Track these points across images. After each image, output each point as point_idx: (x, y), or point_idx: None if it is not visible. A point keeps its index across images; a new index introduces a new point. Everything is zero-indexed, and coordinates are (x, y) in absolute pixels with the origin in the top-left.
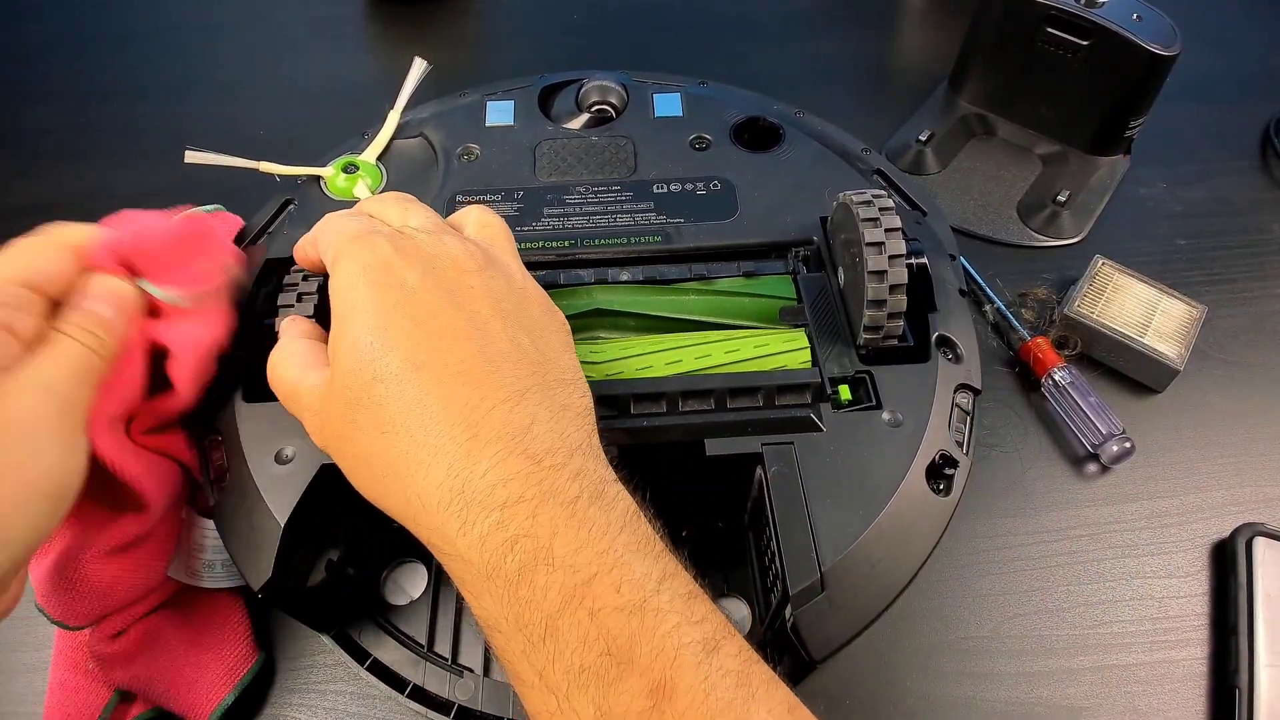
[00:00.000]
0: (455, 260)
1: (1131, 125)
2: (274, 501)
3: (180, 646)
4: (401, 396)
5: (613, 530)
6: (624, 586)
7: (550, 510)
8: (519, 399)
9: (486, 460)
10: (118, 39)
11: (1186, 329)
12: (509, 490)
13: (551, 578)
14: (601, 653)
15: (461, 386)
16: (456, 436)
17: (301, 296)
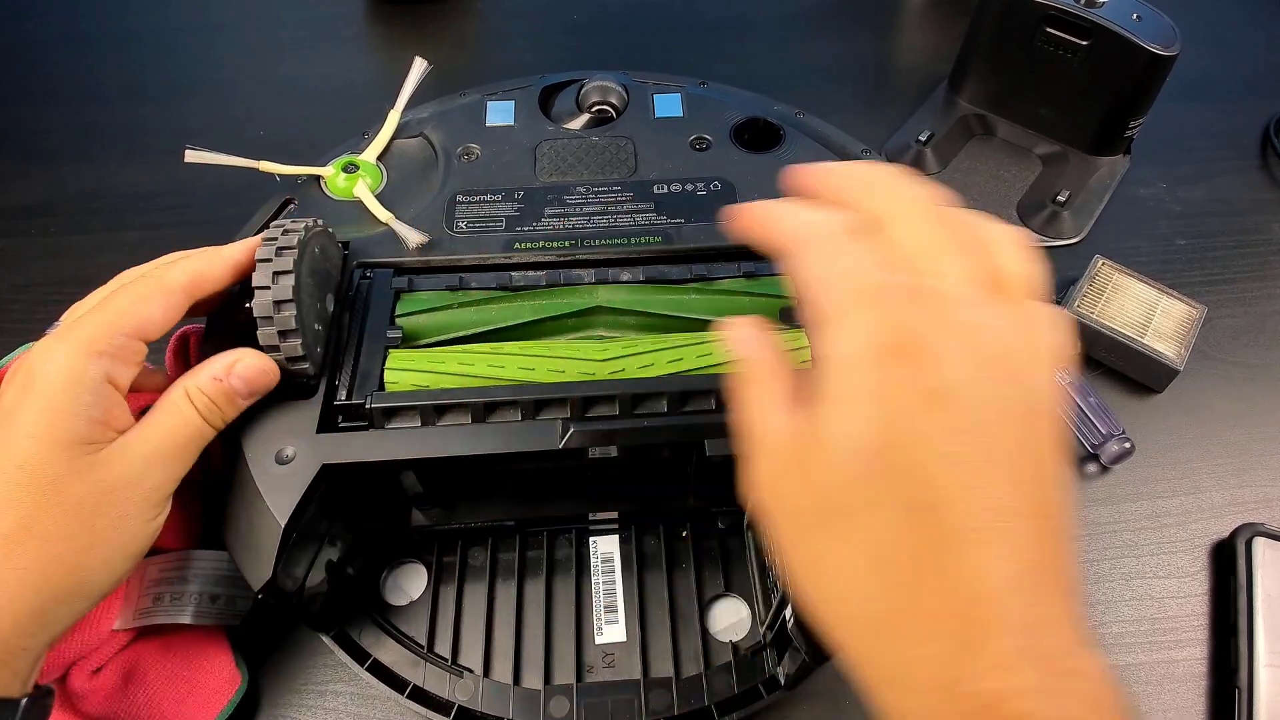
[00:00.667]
0: (1019, 367)
1: (1131, 125)
2: (274, 501)
3: (160, 680)
4: (891, 535)
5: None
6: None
7: (1060, 701)
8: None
9: (1011, 652)
10: (118, 39)
11: (1186, 329)
12: (1029, 702)
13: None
14: None
15: (1033, 536)
16: (1005, 599)
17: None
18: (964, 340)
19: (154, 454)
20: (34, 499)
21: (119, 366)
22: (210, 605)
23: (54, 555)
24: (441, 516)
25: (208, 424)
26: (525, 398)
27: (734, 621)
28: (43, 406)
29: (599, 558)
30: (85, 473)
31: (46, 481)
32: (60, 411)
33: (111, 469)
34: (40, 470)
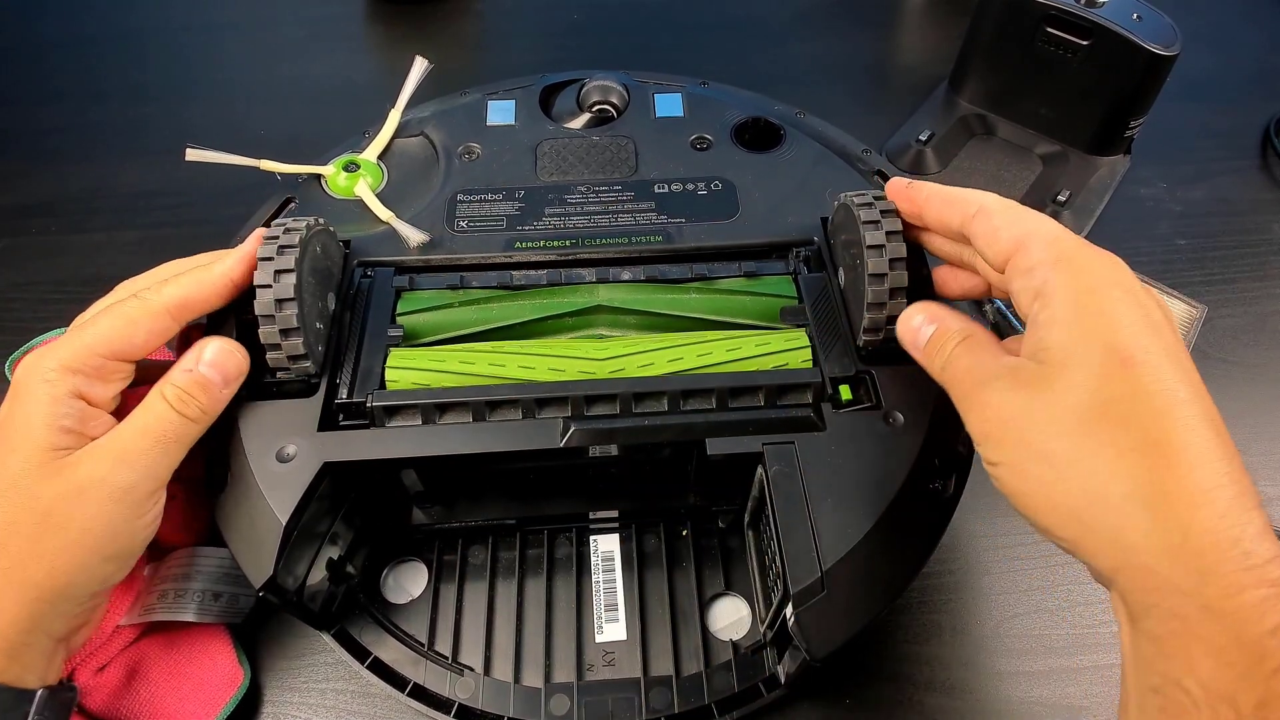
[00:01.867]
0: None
1: (1131, 125)
2: (275, 499)
3: (162, 676)
4: (1177, 414)
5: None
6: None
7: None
8: (1245, 471)
9: (1255, 527)
10: (119, 39)
11: (1186, 329)
12: (1277, 570)
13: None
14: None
15: (1222, 430)
16: (1227, 486)
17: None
18: (1131, 281)
19: (124, 452)
20: (13, 506)
21: (94, 385)
22: (213, 603)
23: (31, 557)
24: (442, 515)
25: (183, 416)
26: (526, 396)
27: (734, 620)
28: (21, 420)
29: (599, 556)
30: (54, 477)
31: (23, 489)
32: (34, 423)
33: (79, 470)
34: (17, 480)
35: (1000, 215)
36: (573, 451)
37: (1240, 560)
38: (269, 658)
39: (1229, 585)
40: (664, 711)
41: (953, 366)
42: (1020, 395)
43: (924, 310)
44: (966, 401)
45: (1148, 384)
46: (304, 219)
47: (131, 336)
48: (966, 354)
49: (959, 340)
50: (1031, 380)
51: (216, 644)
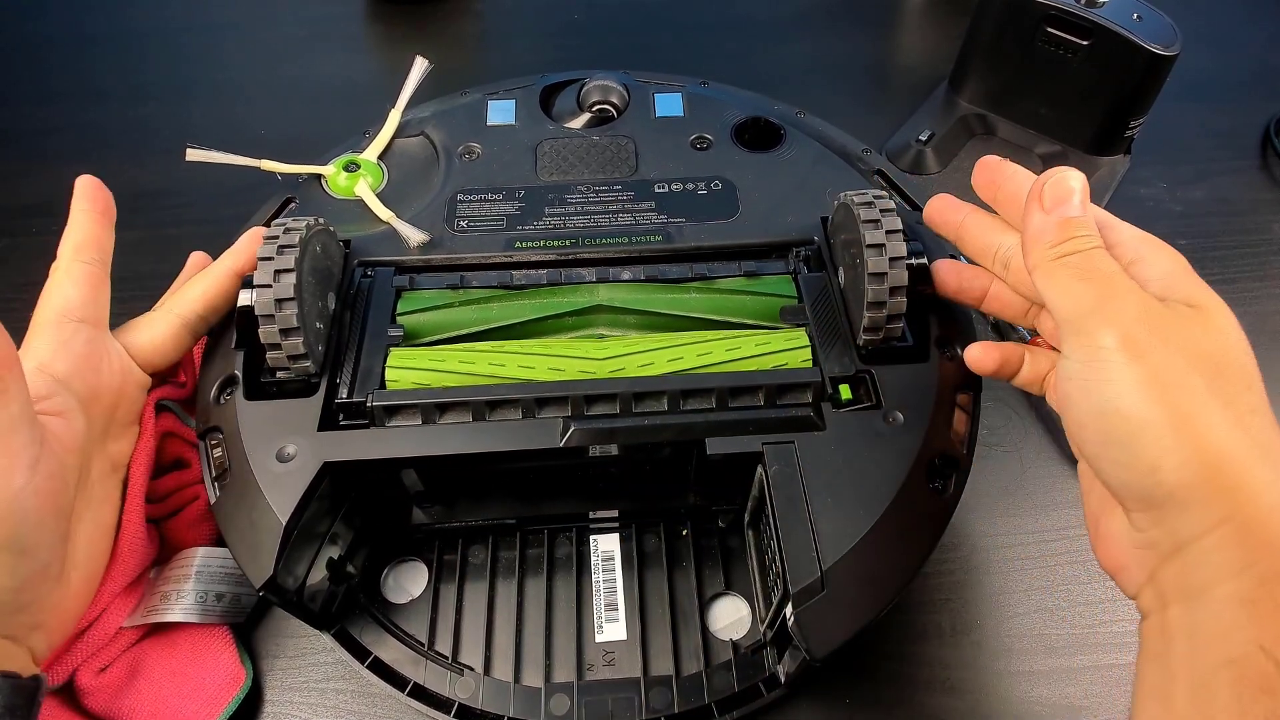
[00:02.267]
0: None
1: (1131, 125)
2: (275, 499)
3: (165, 677)
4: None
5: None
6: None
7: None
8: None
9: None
10: (119, 39)
11: None
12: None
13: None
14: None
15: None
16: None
17: (282, 249)
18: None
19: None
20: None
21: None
22: (215, 603)
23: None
24: (442, 514)
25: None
26: (526, 396)
27: (734, 620)
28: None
29: (599, 556)
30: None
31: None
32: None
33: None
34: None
35: (1085, 206)
36: (573, 451)
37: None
38: (269, 658)
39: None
40: (664, 711)
41: (1095, 261)
42: (1174, 324)
43: (1084, 181)
44: (1106, 304)
45: (1251, 358)
46: (304, 219)
47: (66, 292)
48: (1107, 260)
49: (1100, 244)
50: (1186, 316)
51: (218, 644)
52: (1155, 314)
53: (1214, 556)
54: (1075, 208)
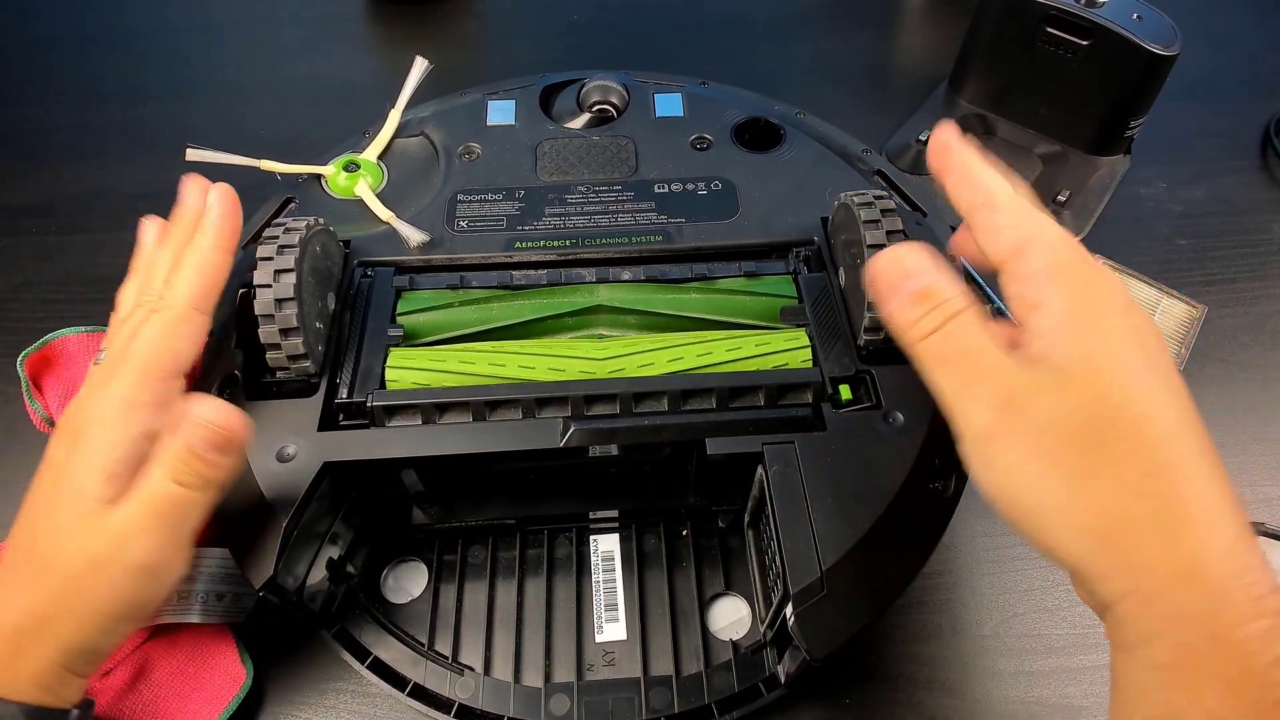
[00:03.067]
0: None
1: (1131, 125)
2: (275, 500)
3: (166, 677)
4: (1178, 442)
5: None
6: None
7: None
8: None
9: (1255, 558)
10: (119, 39)
11: (1186, 329)
12: (1276, 601)
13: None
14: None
15: (1218, 460)
16: (1233, 516)
17: (282, 249)
18: (1127, 302)
19: (134, 524)
20: (50, 564)
21: (160, 416)
22: (216, 603)
23: (60, 615)
24: (442, 515)
25: (185, 488)
26: (526, 396)
27: (734, 620)
28: (78, 466)
29: (599, 556)
30: (85, 538)
31: (60, 546)
32: (87, 473)
33: (101, 539)
34: (59, 534)
35: (1005, 213)
36: (573, 451)
37: (1247, 590)
38: (270, 658)
39: (1238, 615)
40: (664, 711)
41: (950, 340)
42: (1035, 400)
43: (920, 251)
44: (964, 391)
45: (1157, 407)
46: (304, 219)
47: (177, 349)
48: (969, 331)
49: (960, 308)
50: (1047, 386)
51: (219, 643)
52: (1019, 394)
53: (1127, 623)
54: (916, 282)
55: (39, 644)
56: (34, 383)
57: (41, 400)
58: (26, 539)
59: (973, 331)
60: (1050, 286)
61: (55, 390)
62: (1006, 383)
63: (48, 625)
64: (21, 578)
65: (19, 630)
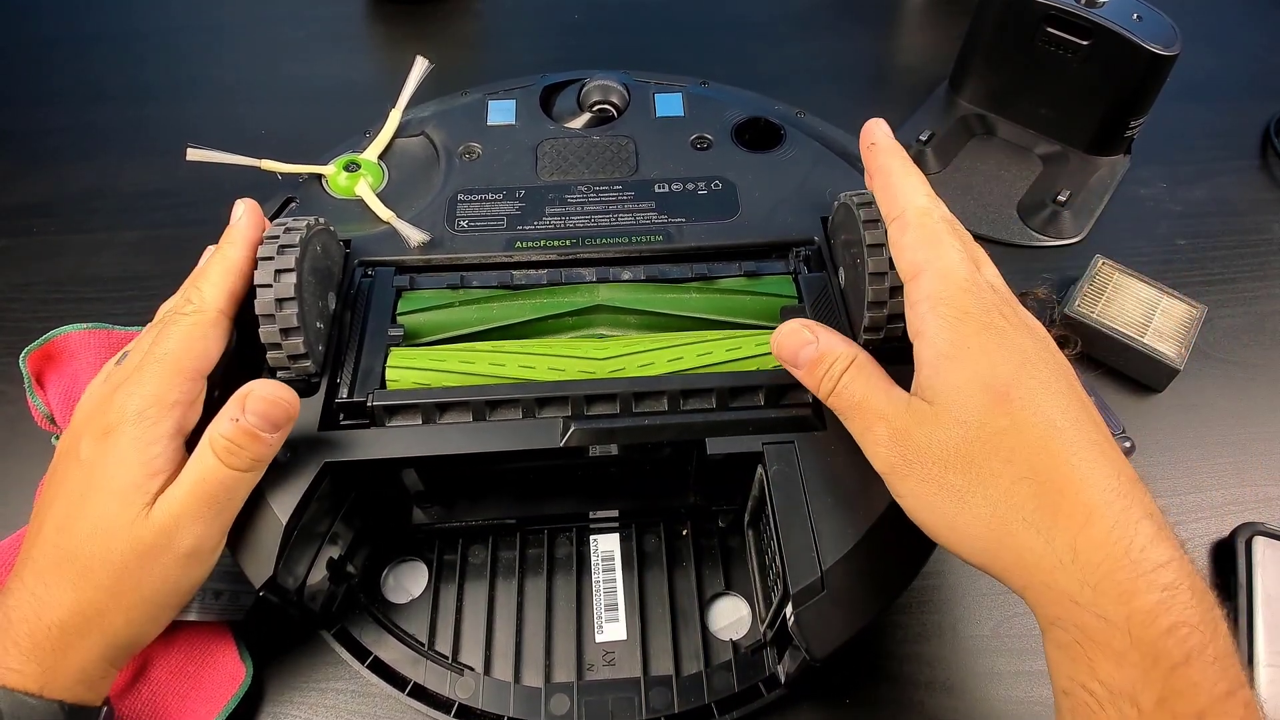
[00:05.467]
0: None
1: (1131, 125)
2: (275, 500)
3: (165, 675)
4: (1050, 444)
5: (1231, 643)
6: (1252, 707)
7: (1204, 607)
8: (1135, 482)
9: (1144, 535)
10: (120, 39)
11: (1186, 329)
12: (1169, 574)
13: (1206, 675)
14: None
15: (1107, 449)
16: (1114, 502)
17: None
18: (1002, 319)
19: (183, 513)
20: (97, 559)
21: (189, 415)
22: (215, 601)
23: (111, 609)
24: (442, 514)
25: (234, 469)
26: (526, 396)
27: (734, 620)
28: (115, 466)
29: (599, 556)
30: (130, 533)
31: (106, 542)
32: (126, 472)
33: (148, 531)
34: (103, 532)
35: (910, 233)
36: (573, 451)
37: (1130, 569)
38: (269, 657)
39: (1121, 593)
40: (664, 711)
41: (846, 393)
42: (917, 432)
43: (806, 326)
44: (866, 435)
45: (1025, 417)
46: (304, 218)
47: (205, 348)
48: (858, 382)
49: (847, 364)
50: (925, 418)
51: (219, 641)
52: (903, 430)
53: (1035, 611)
54: (809, 351)
55: (87, 640)
56: (36, 379)
57: (43, 396)
58: (65, 537)
59: (860, 382)
60: (930, 317)
61: (56, 387)
62: (894, 422)
63: (97, 620)
64: (65, 576)
65: (65, 628)
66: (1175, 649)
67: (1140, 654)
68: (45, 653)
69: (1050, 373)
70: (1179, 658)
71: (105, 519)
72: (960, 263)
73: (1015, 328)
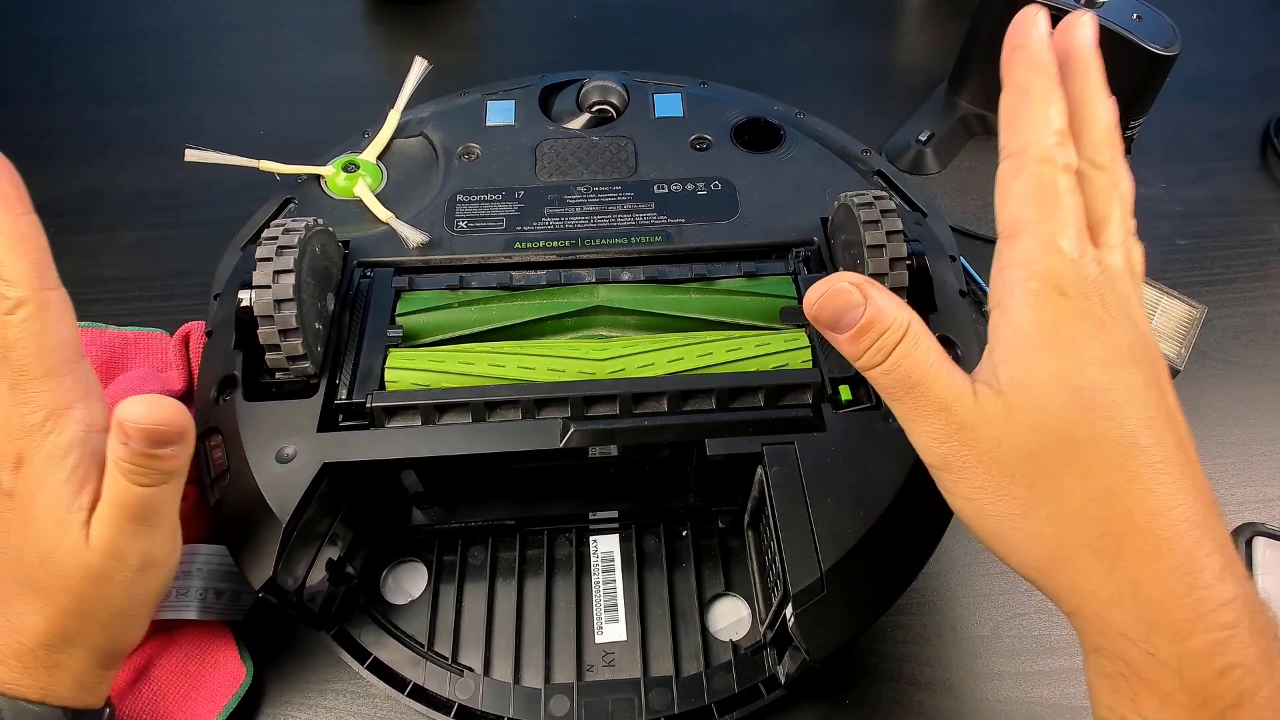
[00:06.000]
0: (1139, 280)
1: (1131, 125)
2: (275, 500)
3: (165, 675)
4: (1129, 464)
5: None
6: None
7: (1263, 644)
8: (1211, 508)
9: (1210, 571)
10: (119, 39)
11: (1186, 329)
12: (1230, 613)
13: (1258, 718)
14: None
15: (1189, 470)
16: (1186, 533)
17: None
18: (1103, 308)
19: (117, 534)
20: (55, 590)
21: (91, 408)
22: (215, 601)
23: (88, 629)
24: (442, 515)
25: (146, 486)
26: (525, 397)
27: (734, 620)
28: (39, 495)
29: (599, 557)
30: (78, 559)
31: (58, 572)
32: (49, 499)
33: (93, 555)
34: (49, 563)
35: (1019, 182)
36: (572, 452)
37: (1191, 608)
38: (269, 658)
39: (1176, 633)
40: (664, 712)
41: (899, 371)
42: (984, 431)
43: (855, 285)
44: (920, 424)
45: (1107, 429)
46: (303, 219)
47: (60, 337)
48: (913, 358)
49: (900, 334)
50: (995, 415)
51: (219, 641)
52: (966, 425)
53: (1080, 634)
54: (856, 315)
55: (73, 654)
56: None
57: None
58: (19, 568)
59: (916, 360)
60: (1019, 289)
61: None
62: (955, 413)
63: (76, 637)
64: (29, 603)
65: (46, 648)
66: (1227, 692)
67: (1188, 695)
68: (36, 670)
69: (1144, 378)
70: (1230, 700)
71: (49, 547)
72: (1071, 230)
73: (1115, 318)
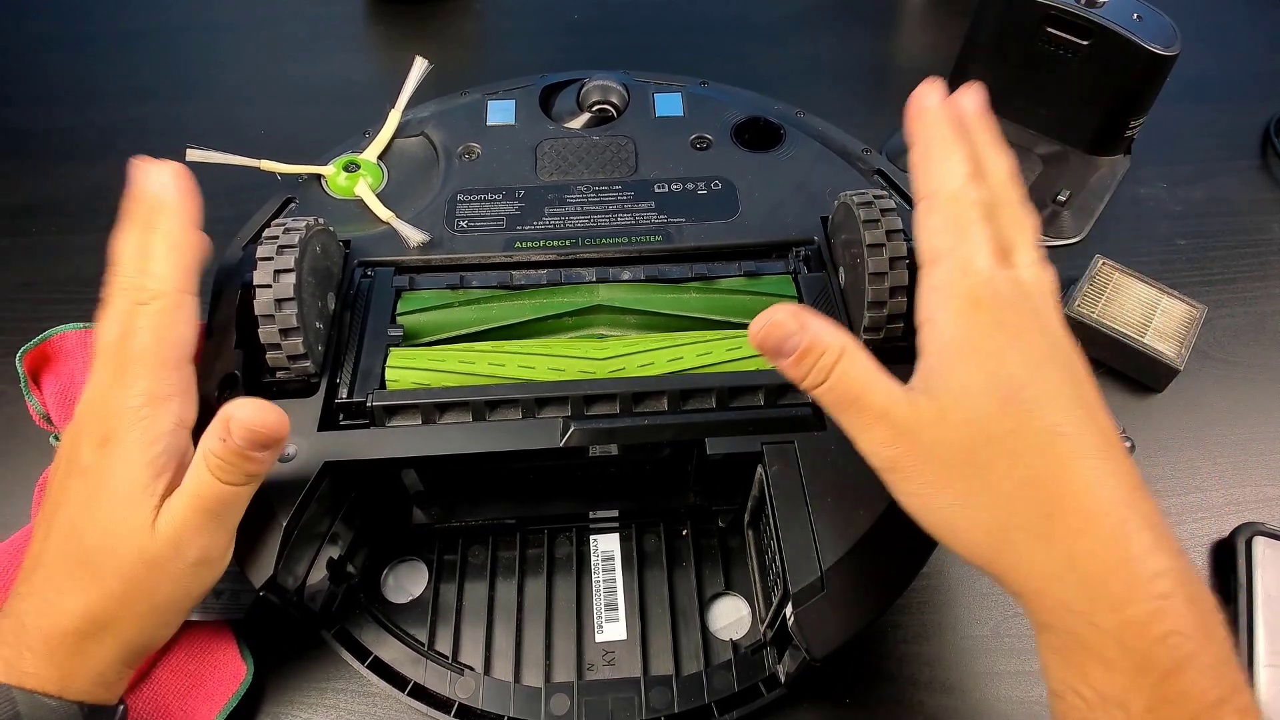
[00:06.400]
0: (1049, 295)
1: (1131, 125)
2: (275, 500)
3: (165, 674)
4: (1056, 449)
5: (1230, 649)
6: (1248, 714)
7: (1200, 614)
8: (1138, 489)
9: (1142, 544)
10: (119, 39)
11: (1186, 329)
12: (1165, 583)
13: (1197, 683)
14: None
15: (1113, 455)
16: (1114, 510)
17: (282, 249)
18: (1019, 316)
19: (185, 525)
20: (109, 571)
21: (186, 405)
22: (214, 600)
23: (125, 619)
24: (442, 514)
25: (229, 485)
26: (526, 396)
27: (734, 619)
28: (120, 471)
29: (599, 556)
30: (138, 542)
31: (117, 552)
32: (130, 476)
33: (155, 541)
34: (112, 541)
35: (934, 218)
36: (573, 451)
37: (1126, 578)
38: (269, 657)
39: (1114, 602)
40: (664, 711)
41: (840, 387)
42: (921, 433)
43: (790, 314)
44: (864, 433)
45: (1030, 421)
46: (304, 219)
47: (181, 336)
48: (851, 375)
49: (837, 355)
50: (929, 417)
51: (219, 640)
52: (905, 429)
53: (1029, 614)
54: (794, 342)
55: (102, 644)
56: (32, 379)
57: (39, 396)
58: (74, 544)
59: (854, 375)
60: (942, 307)
61: (53, 386)
62: (894, 420)
63: (110, 626)
64: (75, 582)
65: (79, 633)
66: (1166, 657)
67: (1130, 662)
68: (61, 657)
69: (1061, 376)
70: (1169, 666)
71: (114, 526)
72: (984, 253)
73: (1030, 329)
